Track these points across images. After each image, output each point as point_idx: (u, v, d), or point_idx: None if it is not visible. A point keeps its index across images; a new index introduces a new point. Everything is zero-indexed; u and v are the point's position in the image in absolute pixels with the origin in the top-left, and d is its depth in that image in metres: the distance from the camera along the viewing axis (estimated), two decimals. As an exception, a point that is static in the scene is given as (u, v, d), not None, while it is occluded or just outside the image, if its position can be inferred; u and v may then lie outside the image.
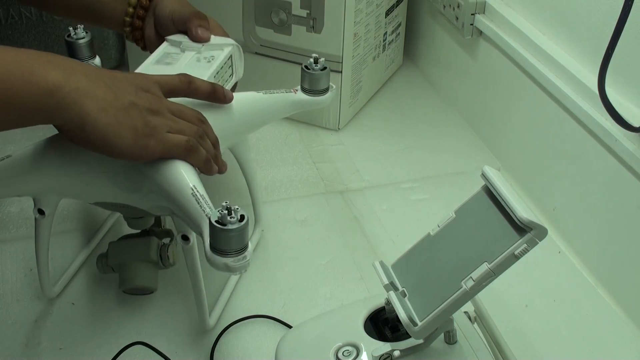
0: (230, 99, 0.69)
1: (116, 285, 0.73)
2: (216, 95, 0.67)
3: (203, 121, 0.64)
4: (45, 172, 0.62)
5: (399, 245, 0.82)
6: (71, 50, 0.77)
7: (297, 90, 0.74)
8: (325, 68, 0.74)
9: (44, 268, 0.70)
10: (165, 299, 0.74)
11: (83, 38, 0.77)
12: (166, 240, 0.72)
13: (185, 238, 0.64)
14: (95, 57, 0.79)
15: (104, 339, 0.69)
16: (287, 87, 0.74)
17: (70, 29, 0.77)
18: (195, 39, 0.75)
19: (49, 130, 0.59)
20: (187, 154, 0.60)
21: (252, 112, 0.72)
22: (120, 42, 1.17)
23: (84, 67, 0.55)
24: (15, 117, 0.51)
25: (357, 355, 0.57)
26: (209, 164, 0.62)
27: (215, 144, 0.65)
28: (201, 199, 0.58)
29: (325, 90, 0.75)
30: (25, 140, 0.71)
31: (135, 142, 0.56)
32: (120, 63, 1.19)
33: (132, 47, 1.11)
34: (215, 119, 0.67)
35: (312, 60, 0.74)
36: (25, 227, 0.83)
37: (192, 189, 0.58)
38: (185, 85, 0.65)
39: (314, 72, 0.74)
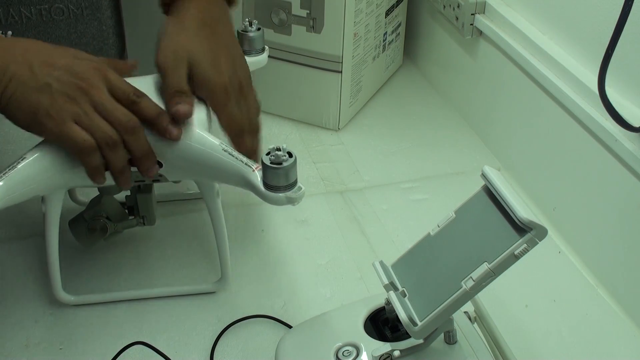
0: (174, 138, 0.61)
1: (116, 284, 0.74)
2: (156, 127, 0.61)
3: (130, 131, 0.60)
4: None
5: (399, 245, 0.82)
6: (242, 42, 0.78)
7: (259, 168, 0.60)
8: (281, 163, 0.57)
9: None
10: (165, 298, 0.74)
11: (253, 32, 0.78)
12: (101, 221, 0.72)
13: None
14: (264, 50, 0.80)
15: (104, 339, 0.69)
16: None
17: (246, 23, 0.78)
18: (175, 115, 0.62)
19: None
20: (78, 153, 0.59)
21: (203, 162, 0.63)
22: (120, 42, 1.17)
23: (24, 46, 0.59)
24: None
25: (357, 355, 0.57)
26: (97, 172, 0.60)
27: (143, 158, 0.61)
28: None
29: (285, 188, 0.58)
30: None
31: (33, 120, 0.58)
32: (120, 63, 1.19)
33: (132, 48, 1.11)
34: (162, 142, 0.62)
35: (274, 147, 0.57)
36: (26, 227, 0.83)
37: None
38: (128, 103, 0.60)
39: (267, 164, 0.57)
